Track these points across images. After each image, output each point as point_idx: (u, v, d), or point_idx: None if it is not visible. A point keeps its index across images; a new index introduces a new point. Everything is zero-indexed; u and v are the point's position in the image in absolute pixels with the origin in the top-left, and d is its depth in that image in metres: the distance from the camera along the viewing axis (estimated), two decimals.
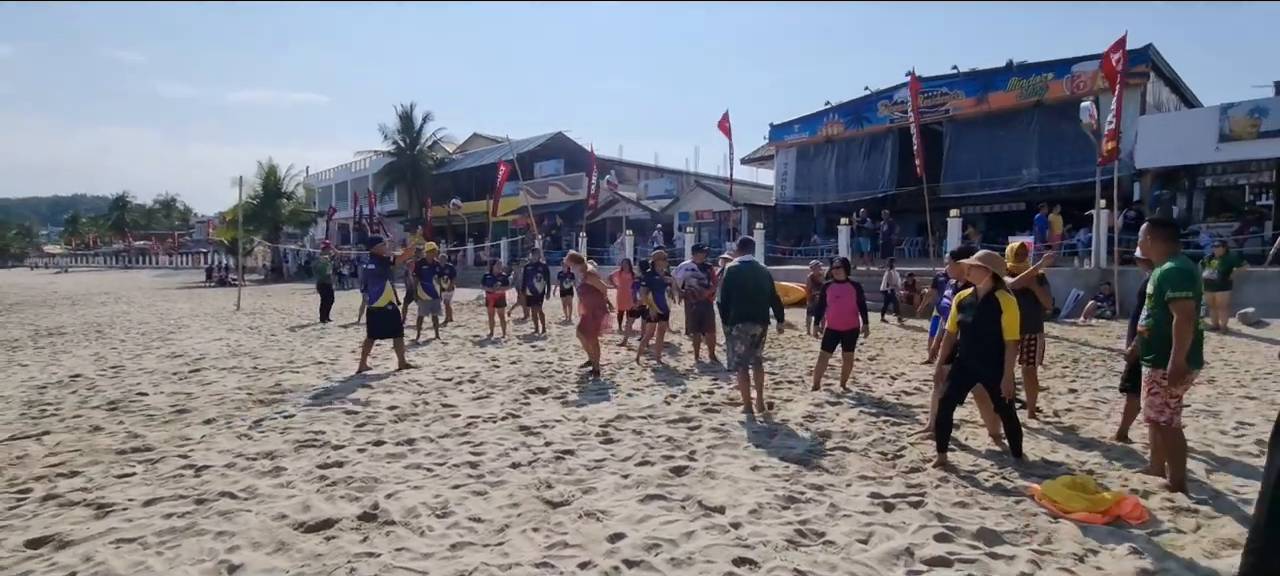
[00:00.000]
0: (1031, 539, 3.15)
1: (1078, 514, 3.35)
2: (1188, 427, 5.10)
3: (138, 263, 63.68)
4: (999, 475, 4.02)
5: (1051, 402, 6.00)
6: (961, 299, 4.39)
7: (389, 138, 38.37)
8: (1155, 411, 3.73)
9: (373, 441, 4.84)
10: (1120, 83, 13.49)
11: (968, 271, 4.32)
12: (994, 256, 4.28)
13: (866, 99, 22.73)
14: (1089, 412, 5.66)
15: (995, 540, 3.11)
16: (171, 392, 6.67)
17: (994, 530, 3.19)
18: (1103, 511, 3.34)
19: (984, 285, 4.20)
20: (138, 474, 4.19)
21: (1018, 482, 3.88)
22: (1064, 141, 18.35)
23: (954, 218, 16.70)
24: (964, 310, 4.30)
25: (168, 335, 11.79)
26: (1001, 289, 4.16)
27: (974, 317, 4.18)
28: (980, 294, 4.22)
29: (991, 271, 4.18)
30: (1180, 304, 3.53)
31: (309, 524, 3.36)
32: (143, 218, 77.99)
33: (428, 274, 11.30)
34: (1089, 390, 6.59)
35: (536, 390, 6.64)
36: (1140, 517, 3.32)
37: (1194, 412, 5.60)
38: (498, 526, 3.32)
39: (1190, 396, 6.17)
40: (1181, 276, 3.59)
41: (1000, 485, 3.85)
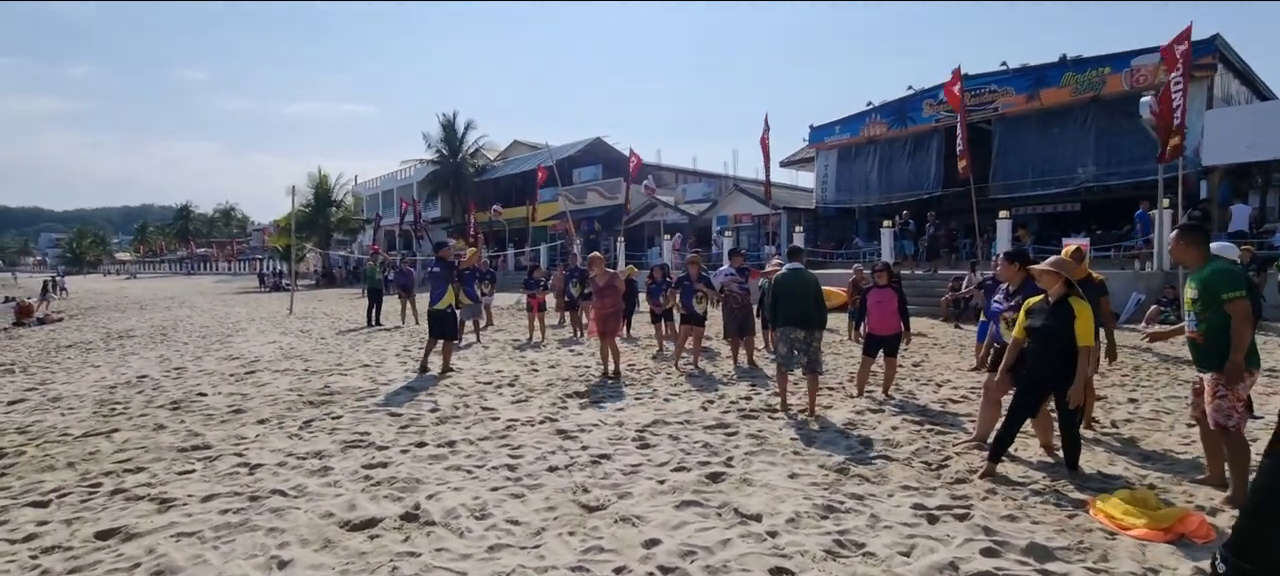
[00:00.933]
0: (1086, 556, 3.00)
1: (1137, 530, 3.18)
2: (1259, 441, 4.80)
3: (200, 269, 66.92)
4: (1052, 487, 3.86)
5: (1109, 412, 5.73)
6: (1031, 305, 4.23)
7: (433, 146, 39.39)
8: (1223, 416, 3.59)
9: (415, 442, 4.97)
10: (1185, 76, 12.82)
11: (1038, 277, 4.18)
12: (1065, 261, 4.13)
13: (910, 98, 22.19)
14: (1151, 424, 5.38)
15: (1046, 556, 2.98)
16: (229, 393, 6.98)
17: (1045, 546, 3.06)
18: (1165, 528, 3.17)
19: (1056, 291, 4.05)
20: (197, 471, 4.40)
21: (1073, 496, 3.71)
22: (1123, 138, 17.53)
23: (1003, 219, 16.12)
24: (1033, 317, 4.14)
25: (226, 338, 12.33)
26: (1074, 294, 4.01)
27: (1045, 324, 4.02)
28: (1052, 299, 4.06)
29: (1064, 277, 4.02)
30: (1236, 304, 3.50)
31: (354, 522, 3.47)
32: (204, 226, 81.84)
33: (469, 279, 11.54)
34: (1150, 399, 6.27)
35: (574, 394, 6.69)
36: (1206, 536, 3.13)
37: (1267, 425, 5.26)
38: (535, 529, 3.36)
39: (1262, 407, 5.81)
40: (1232, 277, 3.57)
41: (1053, 498, 3.69)
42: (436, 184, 39.59)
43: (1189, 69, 12.99)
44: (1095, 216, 19.03)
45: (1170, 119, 12.72)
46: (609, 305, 7.73)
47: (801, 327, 5.77)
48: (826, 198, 24.96)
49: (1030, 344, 4.14)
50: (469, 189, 38.30)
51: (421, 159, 40.92)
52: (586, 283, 12.83)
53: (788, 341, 5.84)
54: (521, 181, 35.87)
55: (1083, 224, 18.29)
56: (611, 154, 34.81)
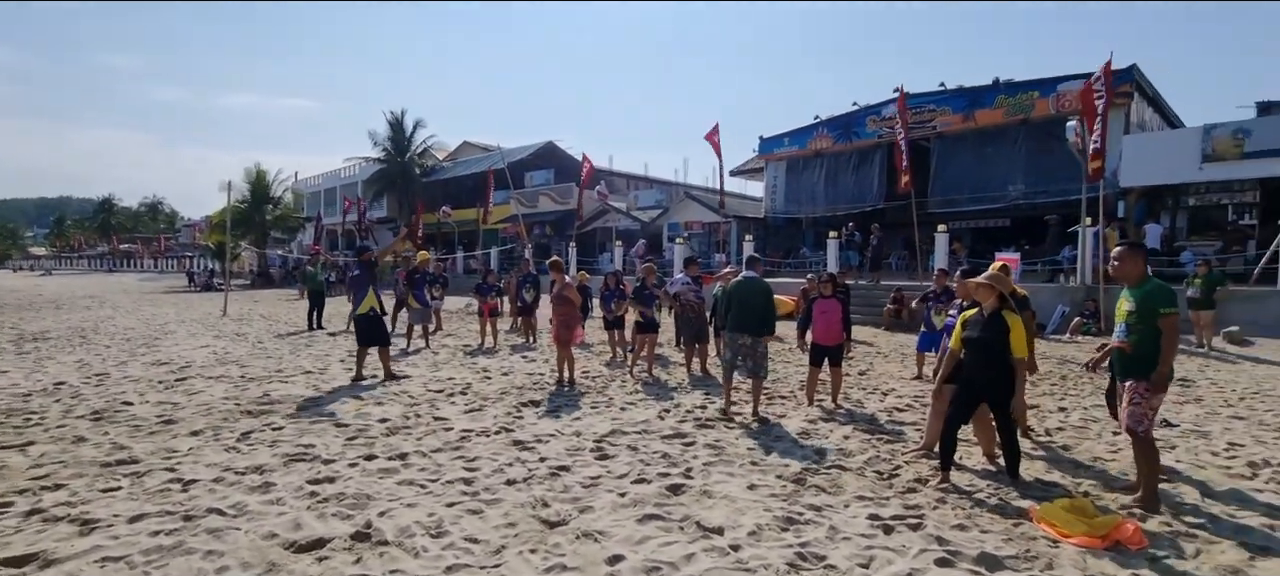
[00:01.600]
0: (1032, 565, 3.14)
1: (1077, 538, 3.35)
2: (1178, 448, 5.16)
3: (123, 266, 62.75)
4: (996, 496, 4.03)
5: (1042, 421, 6.03)
6: (967, 318, 4.41)
7: (379, 144, 38.21)
8: (1135, 421, 3.83)
9: (364, 455, 4.77)
10: (1106, 102, 13.73)
11: (974, 290, 4.36)
12: (1001, 276, 4.32)
13: (855, 114, 22.95)
14: (1080, 432, 5.69)
15: (996, 565, 3.11)
16: (157, 402, 6.55)
17: (995, 554, 3.19)
18: (1102, 536, 3.35)
19: (990, 304, 4.23)
20: (124, 487, 4.09)
21: (1016, 504, 3.88)
22: (1050, 159, 18.60)
23: (941, 233, 16.83)
24: (969, 329, 4.32)
25: (153, 341, 11.59)
26: (1008, 308, 4.19)
27: (981, 336, 4.19)
28: (986, 313, 4.24)
29: (998, 291, 4.21)
30: (1170, 319, 3.76)
31: (300, 543, 3.29)
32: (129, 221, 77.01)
33: (419, 282, 11.22)
34: (1078, 408, 6.64)
35: (529, 403, 6.59)
36: (1140, 543, 3.33)
37: (1183, 432, 5.66)
38: (494, 547, 3.27)
39: (1177, 415, 6.24)
40: (1169, 294, 3.83)
41: (998, 507, 3.85)
42: (383, 183, 38.40)
43: (1110, 97, 13.93)
44: (1024, 233, 20.11)
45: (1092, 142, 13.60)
46: (565, 313, 7.70)
47: (747, 334, 6.06)
48: (775, 208, 25.50)
49: (967, 355, 4.32)
50: (417, 189, 37.31)
51: (367, 157, 39.62)
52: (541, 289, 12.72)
53: (734, 346, 6.12)
54: (472, 183, 35.19)
55: (1013, 239, 19.28)
56: (564, 158, 34.59)
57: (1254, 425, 5.96)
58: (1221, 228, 16.43)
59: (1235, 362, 9.71)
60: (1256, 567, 3.14)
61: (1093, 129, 13.50)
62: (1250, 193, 15.76)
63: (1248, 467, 4.67)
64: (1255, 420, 6.16)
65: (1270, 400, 7.06)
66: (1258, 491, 4.20)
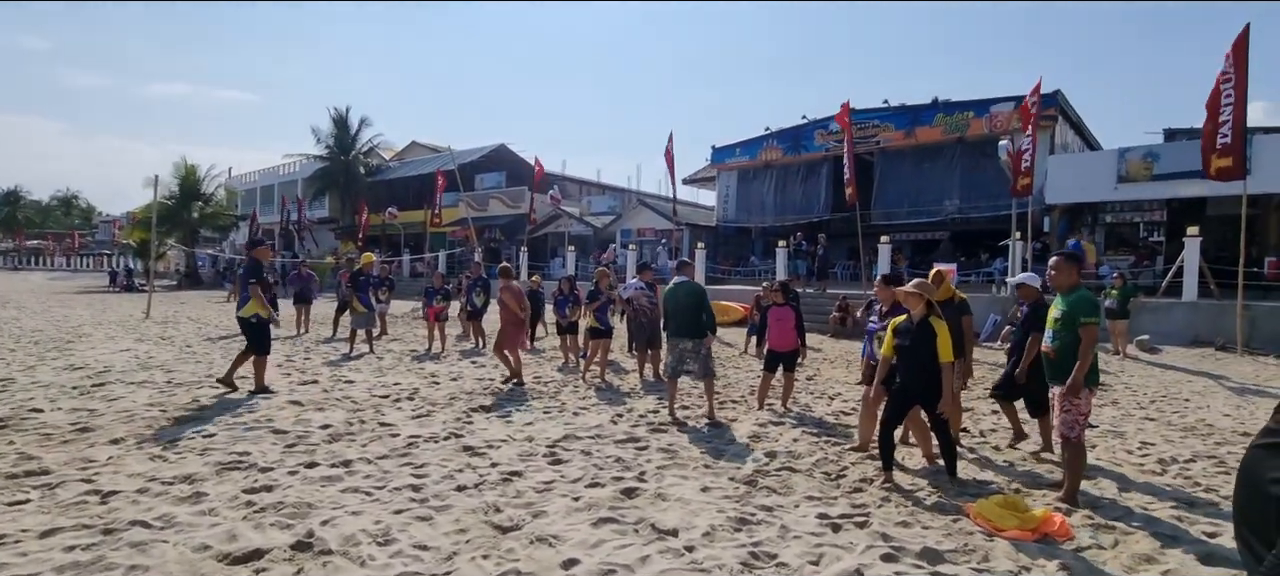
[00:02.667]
0: (971, 557, 3.29)
1: (1010, 532, 3.52)
2: (1097, 448, 5.50)
3: (29, 264, 58.18)
4: (936, 494, 4.19)
5: (977, 423, 6.32)
6: (897, 325, 4.57)
7: (322, 141, 36.98)
8: (1067, 427, 4.06)
9: (305, 463, 4.57)
10: (1034, 124, 14.59)
11: (903, 298, 4.53)
12: (927, 284, 4.51)
13: (804, 127, 23.62)
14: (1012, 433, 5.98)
15: (938, 559, 3.23)
16: (71, 409, 6.09)
17: (936, 549, 3.32)
18: (1032, 529, 3.53)
19: (918, 311, 4.40)
20: (32, 500, 3.78)
21: (954, 502, 4.05)
22: (983, 176, 19.62)
23: (884, 244, 17.49)
24: (899, 335, 4.49)
25: (66, 345, 10.80)
26: (934, 315, 4.38)
27: (910, 342, 4.36)
28: (915, 320, 4.41)
29: (925, 298, 4.39)
30: (1089, 329, 3.99)
31: (236, 555, 3.12)
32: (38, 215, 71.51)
33: (364, 286, 10.86)
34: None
35: (479, 408, 6.46)
36: (1066, 535, 3.53)
37: (1102, 433, 6.03)
38: (445, 553, 3.19)
39: (1096, 417, 6.65)
40: (1092, 305, 4.07)
41: (938, 504, 4.01)
42: (325, 181, 37.10)
43: (1039, 118, 14.82)
44: (960, 245, 21.12)
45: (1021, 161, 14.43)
46: (507, 316, 7.96)
47: (688, 338, 6.18)
48: (727, 216, 25.94)
49: (898, 360, 4.50)
50: (361, 189, 36.18)
51: (308, 154, 38.22)
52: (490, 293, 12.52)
53: (676, 351, 6.22)
54: (420, 184, 34.39)
55: (950, 252, 20.21)
56: (516, 161, 34.24)
57: (1163, 425, 6.42)
58: (1133, 244, 17.68)
59: (1146, 368, 10.44)
60: (1167, 555, 3.38)
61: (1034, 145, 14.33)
62: (1158, 212, 17.02)
63: (1158, 464, 5.03)
64: (1164, 421, 6.64)
65: (1177, 403, 7.62)
66: (1167, 486, 4.53)
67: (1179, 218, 16.09)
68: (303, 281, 13.75)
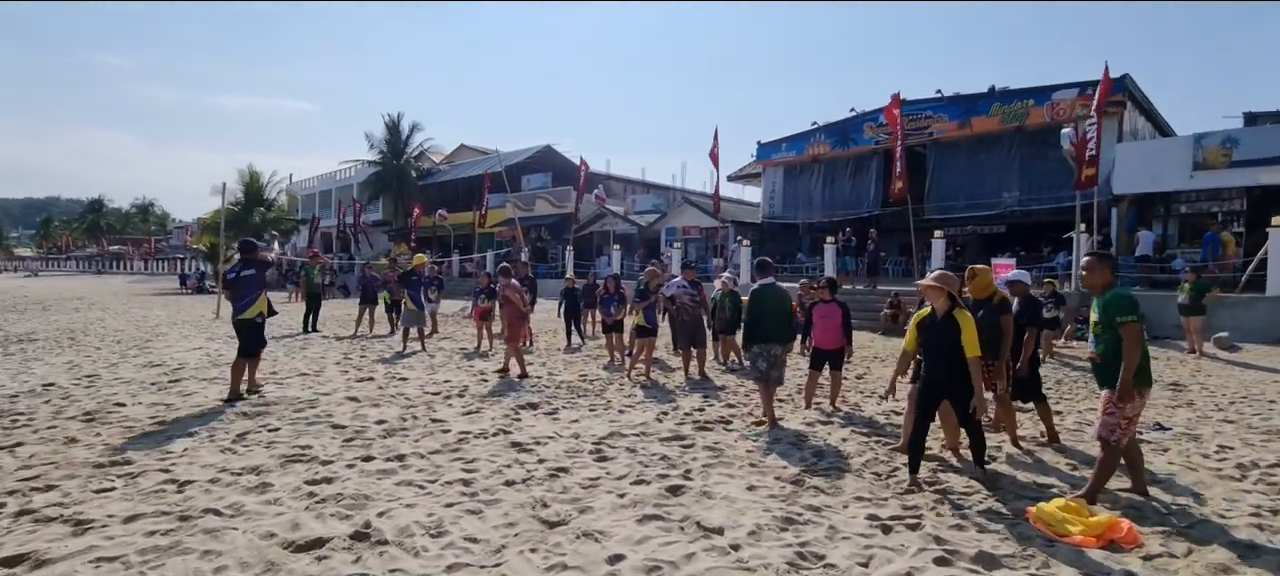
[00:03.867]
0: (1029, 563, 3.16)
1: (1073, 537, 3.37)
2: (1169, 451, 5.20)
3: (112, 268, 62.27)
4: (992, 497, 4.05)
5: (1037, 424, 6.06)
6: (920, 319, 4.47)
7: (375, 147, 38.20)
8: (1107, 431, 3.86)
9: (362, 456, 4.75)
10: (1099, 110, 13.87)
11: (924, 291, 4.44)
12: (949, 276, 4.39)
13: (852, 120, 23.09)
14: (1075, 435, 5.73)
15: (994, 564, 3.12)
16: (150, 403, 6.50)
17: (992, 553, 3.21)
18: (1097, 535, 3.37)
19: (941, 305, 4.30)
20: (117, 488, 4.06)
21: (1012, 506, 3.90)
22: (1044, 166, 18.77)
23: (938, 238, 16.93)
24: (924, 330, 4.40)
25: (145, 343, 11.51)
26: (958, 307, 4.27)
27: (936, 339, 4.28)
28: (939, 314, 4.30)
29: (948, 291, 4.28)
30: (1130, 327, 3.75)
31: (299, 543, 3.28)
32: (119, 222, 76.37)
33: (416, 285, 11.19)
34: (1073, 412, 6.68)
35: (527, 405, 6.58)
36: (1134, 541, 3.35)
37: (1176, 436, 5.70)
38: (494, 547, 3.27)
39: (1171, 420, 6.29)
40: (1127, 303, 3.82)
41: (994, 508, 3.87)
42: (379, 186, 38.36)
43: (1104, 104, 14.08)
44: (1019, 239, 20.27)
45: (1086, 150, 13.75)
46: (511, 311, 8.46)
47: (779, 343, 5.86)
48: (772, 212, 25.60)
49: (925, 357, 4.40)
50: (413, 192, 37.26)
51: (363, 159, 39.58)
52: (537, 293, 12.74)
53: (767, 356, 5.79)
54: (468, 186, 35.18)
55: (1008, 245, 19.42)
56: (561, 162, 34.63)
57: (1243, 428, 6.01)
58: None
59: (1225, 367, 9.79)
60: (1245, 568, 3.16)
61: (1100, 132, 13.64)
62: (1237, 200, 15.93)
63: (1237, 470, 4.72)
64: (1244, 423, 6.22)
65: (1258, 404, 7.12)
66: (1246, 492, 4.24)
67: (1261, 206, 15.02)
68: (367, 282, 14.20)
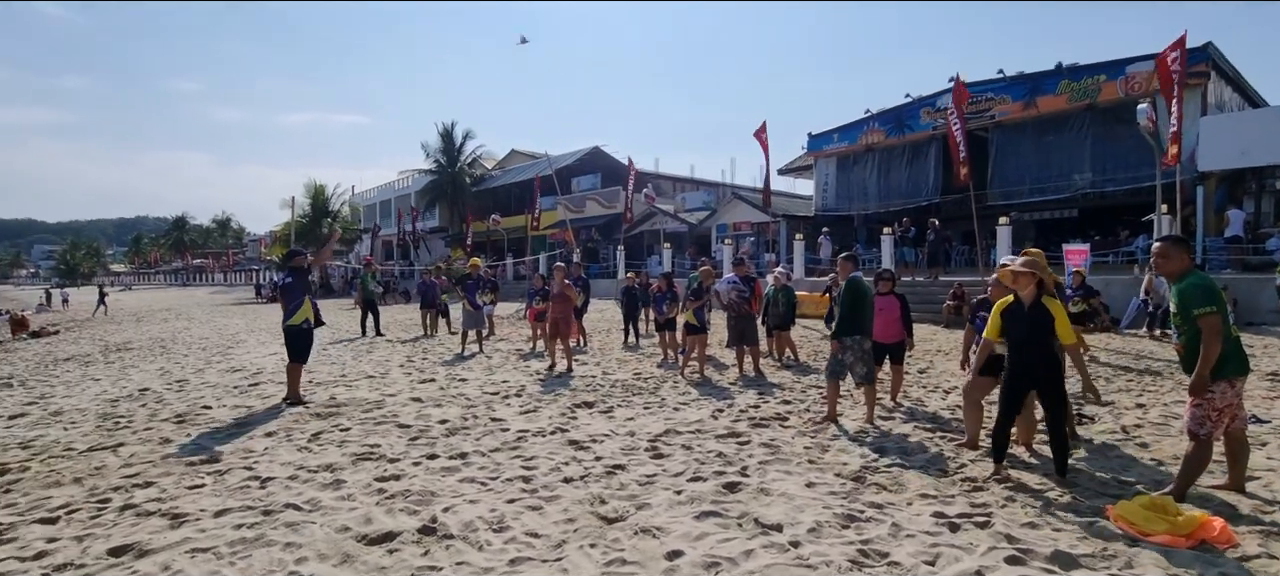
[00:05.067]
0: (1110, 563, 2.99)
1: (1159, 537, 3.18)
2: (1270, 444, 4.83)
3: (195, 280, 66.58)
4: (1069, 494, 3.85)
5: (1119, 418, 5.74)
6: (1004, 307, 4.23)
7: (431, 156, 39.42)
8: (1195, 424, 3.64)
9: (427, 454, 4.93)
10: (1180, 83, 12.96)
11: (1009, 279, 4.22)
12: (1038, 262, 4.17)
13: (908, 106, 22.36)
14: (1160, 429, 5.39)
15: (1072, 564, 2.97)
16: (233, 406, 6.93)
17: (1069, 553, 3.06)
18: (1187, 534, 3.16)
19: (1029, 293, 4.09)
20: (207, 485, 4.35)
21: (1091, 504, 3.71)
22: (1119, 145, 17.69)
23: (1003, 226, 16.18)
24: (1010, 320, 4.16)
25: (226, 350, 12.26)
26: (1048, 294, 4.08)
27: (1027, 331, 4.04)
28: (1027, 302, 4.08)
29: (1037, 277, 4.08)
30: (1207, 319, 3.51)
31: (371, 536, 3.43)
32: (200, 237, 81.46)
33: (472, 288, 11.50)
34: (1158, 404, 6.28)
35: (583, 404, 6.67)
36: (1229, 541, 3.13)
37: (1275, 428, 5.28)
38: (555, 541, 3.33)
39: (1269, 411, 5.82)
40: (1204, 292, 3.55)
41: (1072, 505, 3.69)
42: (435, 193, 39.59)
43: (1184, 76, 13.14)
44: (1092, 223, 19.16)
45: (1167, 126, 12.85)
46: (560, 309, 8.82)
47: (869, 338, 5.78)
48: (825, 205, 25.07)
49: (1012, 351, 4.14)
50: (467, 198, 38.30)
51: (419, 169, 40.92)
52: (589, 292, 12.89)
53: (857, 350, 5.65)
54: (520, 190, 35.90)
55: (1081, 231, 18.39)
56: (610, 162, 34.89)
57: None
58: None
59: None
60: None
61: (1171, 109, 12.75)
62: None
63: None
64: None
65: None
66: None
67: None
68: (429, 288, 14.63)
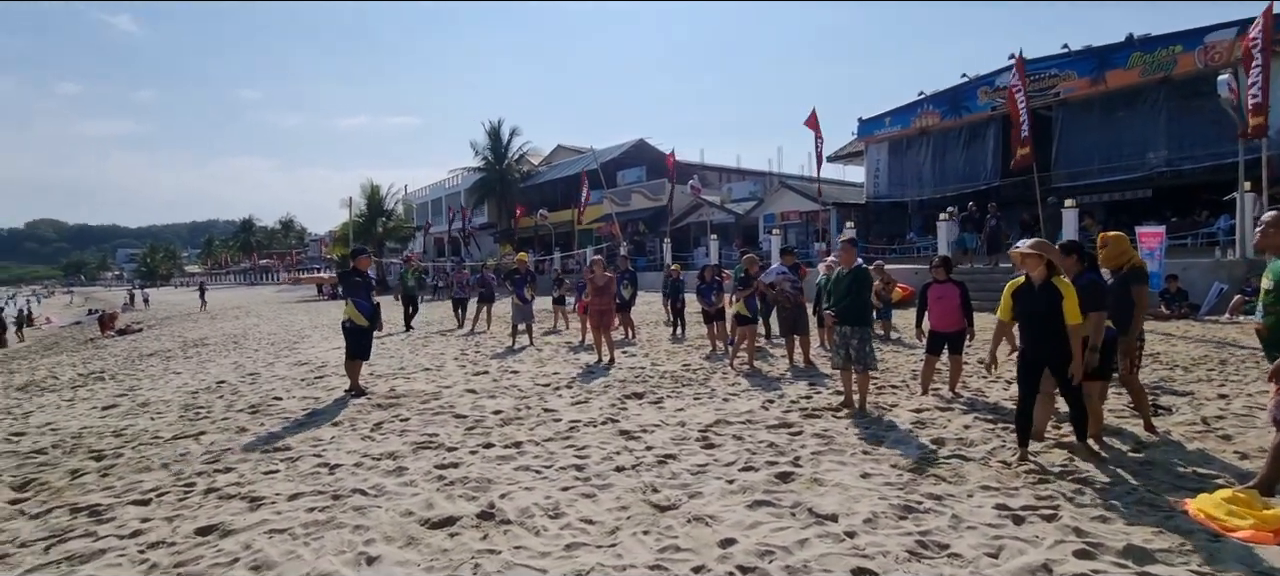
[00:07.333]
0: (1189, 559, 2.85)
1: (1243, 533, 3.00)
2: None
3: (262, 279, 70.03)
4: (1144, 486, 3.68)
5: (1199, 409, 5.42)
6: (1016, 288, 4.28)
7: (479, 154, 40.28)
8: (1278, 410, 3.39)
9: (483, 443, 5.08)
10: (1266, 50, 12.04)
11: (1021, 261, 4.21)
12: (1046, 243, 4.20)
13: (964, 86, 21.52)
14: (1244, 420, 5.06)
15: (1146, 558, 2.84)
16: (302, 397, 7.28)
17: (1144, 547, 2.92)
18: (1275, 530, 2.98)
19: (1038, 274, 4.10)
20: (281, 471, 4.60)
21: (1167, 498, 3.53)
22: (1197, 120, 16.58)
23: (1070, 208, 15.40)
24: (1020, 301, 4.23)
25: (293, 345, 12.88)
26: (1057, 275, 4.08)
27: (1035, 309, 4.11)
28: (1037, 283, 4.11)
29: (1046, 258, 4.08)
30: None
31: (433, 521, 3.57)
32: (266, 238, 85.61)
33: (520, 282, 11.71)
34: (1242, 394, 5.90)
35: (632, 395, 6.73)
36: None
37: None
38: (609, 528, 3.39)
39: None
40: None
41: (1146, 499, 3.52)
42: (483, 190, 40.45)
43: (1270, 42, 12.21)
44: (1168, 203, 18.03)
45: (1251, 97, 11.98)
46: (603, 302, 8.95)
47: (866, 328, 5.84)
48: (878, 191, 24.42)
49: (1023, 329, 4.24)
50: (515, 194, 39.00)
51: (468, 167, 41.87)
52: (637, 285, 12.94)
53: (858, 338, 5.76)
54: (566, 185, 36.30)
55: (1155, 211, 17.34)
56: (655, 155, 34.89)
57: None
58: None
59: None
60: None
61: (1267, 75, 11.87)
62: None
63: None
64: None
65: None
66: None
67: None
68: (485, 283, 14.96)
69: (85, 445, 5.61)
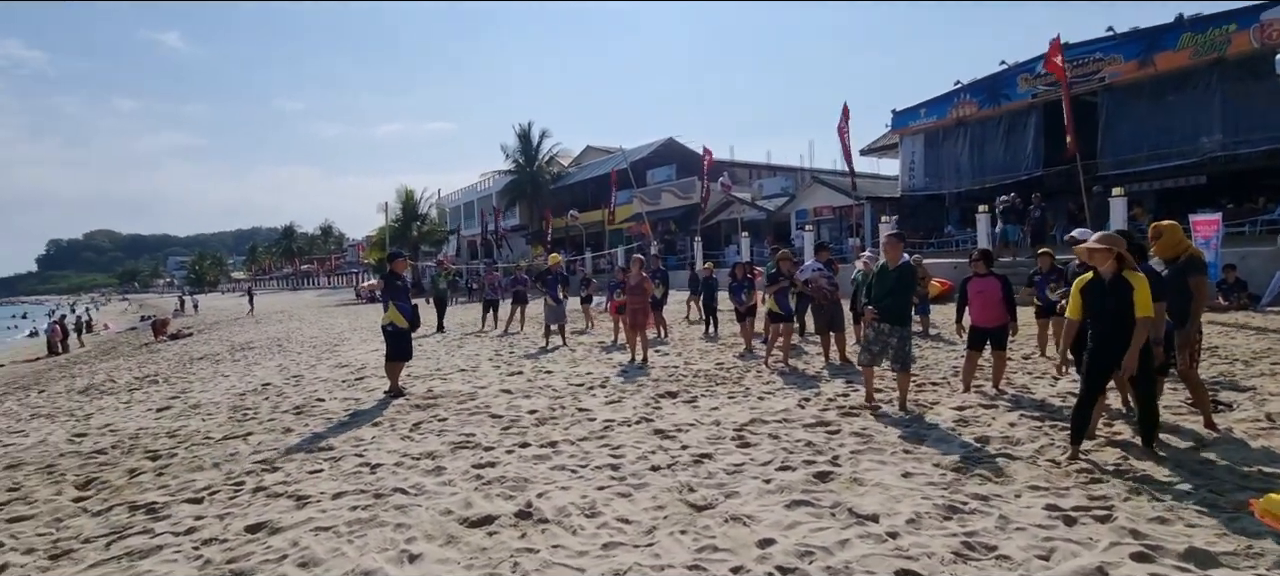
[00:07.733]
0: (1257, 562, 2.71)
1: None
2: None
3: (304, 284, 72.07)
4: (1205, 487, 3.51)
5: (1262, 405, 5.15)
6: (1083, 284, 4.10)
7: (510, 157, 40.72)
8: None
9: (519, 443, 5.12)
10: None
11: (1088, 255, 4.04)
12: (1114, 237, 4.03)
13: (1003, 74, 20.90)
14: None
15: (1210, 562, 2.71)
16: (343, 398, 7.46)
17: (1207, 550, 2.79)
18: None
19: (1108, 268, 3.94)
20: (325, 470, 4.72)
21: (1231, 498, 3.36)
22: (1254, 102, 15.78)
23: (1117, 197, 14.82)
24: (1090, 298, 4.05)
25: (333, 347, 13.21)
26: (1128, 267, 3.91)
27: (1107, 305, 3.93)
28: (1107, 278, 3.94)
29: (1115, 251, 3.91)
30: None
31: (472, 519, 3.61)
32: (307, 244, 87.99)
33: (552, 283, 11.79)
34: None
35: (666, 394, 6.71)
36: None
37: None
38: (645, 527, 3.38)
39: None
40: None
41: (1208, 500, 3.35)
42: (515, 193, 40.90)
43: None
44: (1224, 190, 17.22)
45: None
46: (638, 302, 8.99)
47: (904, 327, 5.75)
48: (913, 184, 23.90)
49: (1094, 325, 4.05)
50: (545, 196, 39.32)
51: (499, 170, 42.37)
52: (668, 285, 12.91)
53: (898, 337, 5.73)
54: (596, 186, 36.46)
55: (1210, 198, 16.57)
56: (685, 153, 34.78)
57: None
58: None
59: None
60: None
61: None
62: None
63: None
64: None
65: None
66: None
67: None
68: (518, 284, 15.09)
69: (142, 445, 5.85)
